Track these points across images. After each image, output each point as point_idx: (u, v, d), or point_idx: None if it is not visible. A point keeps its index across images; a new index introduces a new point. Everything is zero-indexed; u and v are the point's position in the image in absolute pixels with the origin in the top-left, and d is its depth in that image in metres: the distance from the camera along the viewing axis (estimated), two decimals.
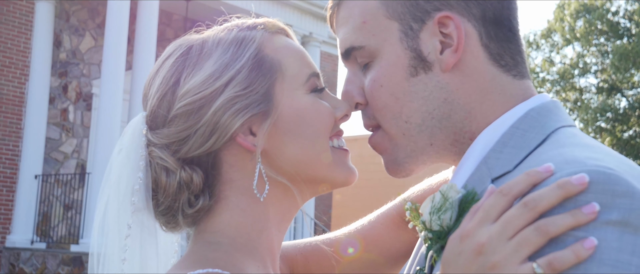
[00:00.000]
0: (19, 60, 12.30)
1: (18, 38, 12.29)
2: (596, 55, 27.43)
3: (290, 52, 1.24)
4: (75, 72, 12.86)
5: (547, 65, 28.85)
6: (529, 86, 1.13)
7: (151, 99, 1.22)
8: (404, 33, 1.11)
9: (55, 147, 12.53)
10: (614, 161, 0.91)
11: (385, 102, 1.13)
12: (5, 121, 12.12)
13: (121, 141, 1.24)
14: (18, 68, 12.28)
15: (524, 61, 1.14)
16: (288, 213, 1.24)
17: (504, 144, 1.04)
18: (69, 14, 12.79)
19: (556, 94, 28.47)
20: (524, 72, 1.13)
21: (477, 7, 1.09)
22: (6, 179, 12.05)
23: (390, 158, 1.17)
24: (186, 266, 1.11)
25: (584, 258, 0.82)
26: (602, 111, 25.52)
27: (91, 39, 13.08)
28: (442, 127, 1.11)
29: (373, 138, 1.20)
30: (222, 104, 1.16)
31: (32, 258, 11.26)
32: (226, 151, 1.19)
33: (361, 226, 1.44)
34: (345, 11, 1.18)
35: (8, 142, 12.14)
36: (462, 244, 0.91)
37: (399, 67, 1.11)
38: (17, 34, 12.29)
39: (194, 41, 1.24)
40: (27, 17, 12.38)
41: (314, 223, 13.62)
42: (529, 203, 0.87)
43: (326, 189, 1.25)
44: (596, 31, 26.72)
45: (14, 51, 12.25)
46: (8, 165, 12.08)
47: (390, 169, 1.18)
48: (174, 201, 1.19)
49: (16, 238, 11.75)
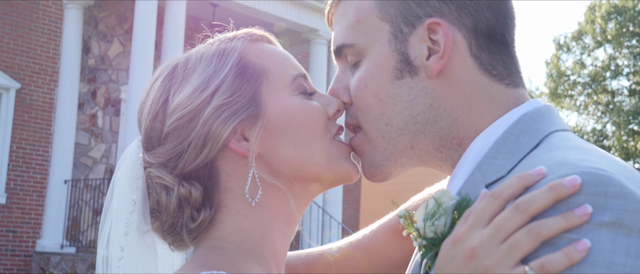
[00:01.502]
0: (48, 66, 12.43)
1: (47, 44, 12.42)
2: (628, 57, 27.07)
3: (273, 56, 1.25)
4: (104, 78, 12.96)
5: (578, 67, 28.52)
6: (522, 94, 1.12)
7: (144, 122, 1.24)
8: (393, 35, 1.12)
9: (85, 152, 12.64)
10: (606, 162, 0.90)
11: (368, 103, 1.14)
12: (35, 127, 12.25)
13: (119, 169, 1.26)
14: (47, 74, 12.41)
15: (518, 71, 1.14)
16: (291, 217, 1.24)
17: (498, 150, 1.04)
18: (98, 20, 12.90)
19: (588, 97, 28.13)
20: (518, 81, 1.13)
21: (469, 19, 1.10)
22: (36, 184, 12.17)
23: (368, 161, 1.18)
24: (191, 269, 1.12)
25: (577, 260, 0.82)
26: (635, 113, 25.16)
27: (119, 45, 13.18)
28: (426, 132, 1.11)
29: (353, 140, 1.21)
30: (211, 114, 1.17)
31: (62, 262, 11.35)
32: (222, 160, 1.19)
33: (363, 236, 1.43)
34: (341, 9, 1.20)
35: (38, 147, 12.26)
36: (454, 249, 0.91)
37: (384, 69, 1.12)
38: (47, 40, 12.42)
39: (179, 59, 1.26)
40: (56, 24, 12.51)
41: (341, 227, 13.57)
42: (520, 206, 0.87)
43: (328, 186, 1.24)
44: (628, 33, 26.37)
45: (44, 58, 12.39)
46: (38, 170, 12.20)
47: (366, 172, 1.19)
48: (177, 218, 1.19)
49: (46, 243, 11.86)
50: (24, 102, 12.18)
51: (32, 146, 12.21)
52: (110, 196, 1.26)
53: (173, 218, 1.19)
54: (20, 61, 12.15)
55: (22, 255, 11.97)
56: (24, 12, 12.20)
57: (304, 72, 1.27)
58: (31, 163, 12.19)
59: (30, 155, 12.20)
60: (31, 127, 12.22)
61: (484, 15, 1.10)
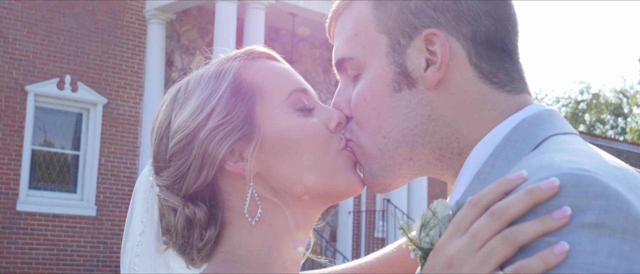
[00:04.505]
0: (133, 80, 12.74)
1: (132, 59, 12.73)
2: None
3: (270, 73, 1.25)
4: None
5: None
6: (525, 100, 1.10)
7: (153, 146, 1.27)
8: (391, 47, 1.11)
9: None
10: (594, 163, 0.88)
11: (367, 117, 1.14)
12: (122, 140, 12.56)
13: (136, 192, 1.30)
14: (133, 88, 12.72)
15: (521, 77, 1.12)
16: (298, 232, 1.24)
17: (496, 157, 1.03)
18: (180, 34, 13.14)
19: None
20: (522, 87, 1.11)
21: (467, 28, 1.08)
22: (125, 197, 12.47)
23: (366, 171, 1.18)
24: None
25: (554, 264, 0.80)
26: None
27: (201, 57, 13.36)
28: (425, 143, 1.10)
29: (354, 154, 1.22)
30: (206, 135, 1.18)
31: None
32: (223, 180, 1.21)
33: (375, 258, 1.43)
34: (341, 23, 1.20)
35: (126, 160, 12.57)
36: (434, 258, 0.91)
37: (383, 82, 1.12)
38: (131, 55, 12.73)
39: (182, 83, 1.29)
40: (139, 39, 12.81)
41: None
42: (496, 212, 0.86)
43: (332, 200, 1.24)
44: None
45: (129, 72, 12.70)
46: (126, 182, 12.50)
47: (366, 182, 1.19)
48: (187, 239, 1.22)
49: None
50: (111, 116, 12.51)
51: (119, 159, 12.53)
52: (130, 217, 1.30)
53: (183, 238, 1.22)
54: (106, 77, 12.50)
55: (113, 266, 12.27)
56: (108, 29, 12.55)
57: (304, 86, 1.26)
58: (119, 176, 12.51)
59: (118, 168, 12.51)
60: (118, 140, 12.54)
61: (483, 24, 1.08)
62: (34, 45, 11.87)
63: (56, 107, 12.24)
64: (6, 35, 11.65)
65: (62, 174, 12.31)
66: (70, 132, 12.43)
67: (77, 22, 12.25)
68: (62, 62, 12.11)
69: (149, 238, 1.26)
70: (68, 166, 12.35)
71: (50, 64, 12.02)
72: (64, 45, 12.13)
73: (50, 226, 11.89)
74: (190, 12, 13.23)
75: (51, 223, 11.91)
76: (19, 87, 11.74)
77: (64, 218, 12.01)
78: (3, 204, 11.53)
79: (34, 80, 11.86)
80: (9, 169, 11.62)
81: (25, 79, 11.79)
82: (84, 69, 12.29)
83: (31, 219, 11.74)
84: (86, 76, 12.30)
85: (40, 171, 12.12)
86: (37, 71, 11.89)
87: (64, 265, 11.89)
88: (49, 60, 12.00)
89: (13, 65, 11.70)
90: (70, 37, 12.18)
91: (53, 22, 12.04)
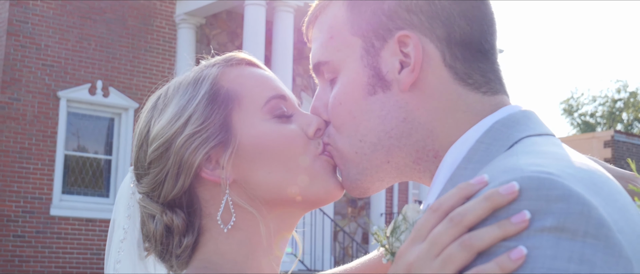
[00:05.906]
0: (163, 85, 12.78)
1: (162, 64, 12.81)
2: None
3: (248, 79, 1.24)
4: None
5: None
6: (501, 101, 1.09)
7: (133, 153, 1.28)
8: (365, 50, 1.10)
9: None
10: (560, 165, 0.86)
11: (343, 121, 1.13)
12: None
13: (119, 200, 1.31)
14: None
15: (498, 78, 1.10)
16: (275, 238, 1.23)
17: (469, 160, 1.02)
18: (209, 38, 13.19)
19: None
20: (498, 88, 1.10)
21: (441, 29, 1.07)
22: None
23: (344, 175, 1.17)
24: None
25: (511, 270, 0.79)
26: None
27: None
28: (402, 145, 1.09)
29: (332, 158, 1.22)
30: (183, 142, 1.18)
31: None
32: (200, 186, 1.21)
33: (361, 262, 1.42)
34: (318, 27, 1.19)
35: None
36: (396, 264, 0.90)
37: (357, 85, 1.11)
38: (161, 60, 12.81)
39: (162, 90, 1.29)
40: (170, 44, 12.89)
41: None
42: (454, 218, 0.85)
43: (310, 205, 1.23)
44: None
45: (159, 77, 12.76)
46: None
47: (345, 186, 1.18)
48: (166, 246, 1.22)
49: None
50: None
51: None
52: (113, 223, 1.31)
53: (162, 245, 1.22)
54: (137, 81, 12.59)
55: None
56: (139, 34, 12.64)
57: (283, 92, 1.25)
58: None
59: None
60: None
61: (457, 24, 1.07)
62: (65, 51, 12.01)
63: (88, 112, 12.36)
64: (38, 42, 11.80)
65: (95, 179, 12.43)
66: (102, 137, 12.55)
67: (108, 28, 12.36)
68: (93, 68, 12.23)
69: (131, 245, 1.27)
70: (101, 170, 12.46)
71: (82, 69, 12.14)
72: (95, 51, 12.25)
73: (83, 230, 12.00)
74: (219, 16, 13.27)
75: (84, 227, 12.02)
76: (52, 93, 11.88)
77: (97, 222, 12.12)
78: (37, 209, 11.68)
79: (66, 86, 11.99)
80: (42, 174, 11.75)
81: (57, 85, 11.93)
82: (115, 74, 12.39)
83: (65, 224, 11.86)
84: (117, 81, 12.40)
85: (73, 175, 12.25)
86: (69, 77, 12.02)
87: (98, 269, 12.00)
88: (80, 66, 12.12)
89: (45, 72, 11.84)
90: (101, 42, 12.29)
91: (84, 28, 12.16)
